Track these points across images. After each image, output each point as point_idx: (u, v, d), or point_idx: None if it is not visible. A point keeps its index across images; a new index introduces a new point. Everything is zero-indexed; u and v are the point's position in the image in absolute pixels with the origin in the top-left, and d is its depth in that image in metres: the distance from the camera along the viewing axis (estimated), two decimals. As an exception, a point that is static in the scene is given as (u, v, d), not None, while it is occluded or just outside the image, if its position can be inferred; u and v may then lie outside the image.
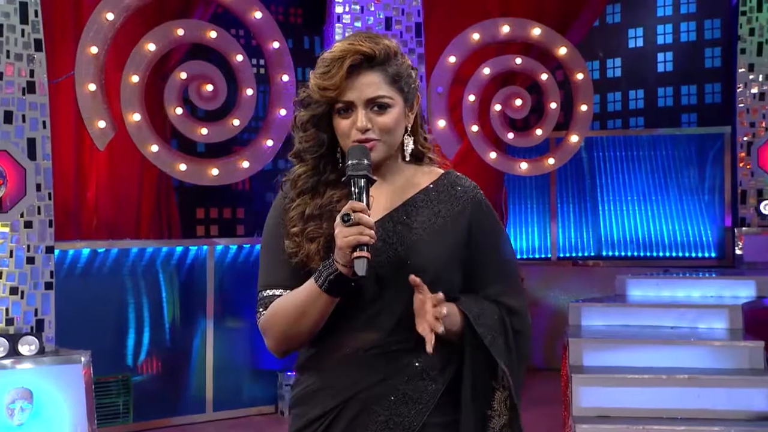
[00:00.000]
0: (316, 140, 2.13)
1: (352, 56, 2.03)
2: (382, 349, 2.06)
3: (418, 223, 2.10)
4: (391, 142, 2.10)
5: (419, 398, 2.06)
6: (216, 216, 8.45)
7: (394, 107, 2.08)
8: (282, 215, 2.16)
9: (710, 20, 9.72)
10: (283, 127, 7.03)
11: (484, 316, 2.08)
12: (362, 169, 1.98)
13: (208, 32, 6.86)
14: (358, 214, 1.92)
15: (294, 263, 2.09)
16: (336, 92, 2.05)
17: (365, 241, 1.91)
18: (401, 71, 2.10)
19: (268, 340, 2.14)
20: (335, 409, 2.08)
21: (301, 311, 2.04)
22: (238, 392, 7.11)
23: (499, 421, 2.08)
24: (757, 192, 8.92)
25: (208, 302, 6.96)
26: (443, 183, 2.17)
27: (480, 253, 2.13)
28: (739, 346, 6.02)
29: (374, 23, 6.98)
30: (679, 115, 9.77)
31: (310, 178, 2.14)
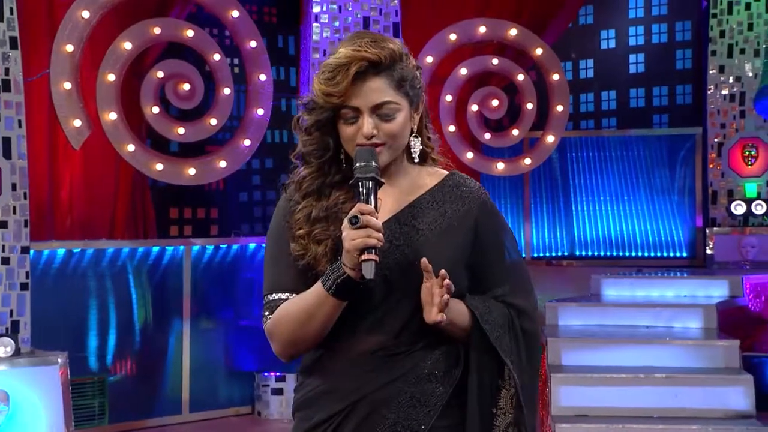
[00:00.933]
0: (321, 144, 2.11)
1: (357, 63, 2.01)
2: (389, 351, 2.05)
3: (425, 225, 2.09)
4: (397, 146, 2.10)
5: (427, 401, 2.05)
6: (190, 216, 8.39)
7: (399, 112, 2.07)
8: (287, 218, 2.14)
9: (681, 22, 9.82)
10: (260, 127, 7.01)
11: (491, 314, 2.08)
12: (370, 172, 1.97)
13: (185, 31, 6.81)
14: (366, 216, 1.91)
15: (300, 266, 2.08)
16: (341, 99, 2.03)
17: (373, 244, 1.90)
18: (406, 74, 2.08)
19: (275, 344, 2.13)
20: (342, 413, 2.06)
21: (309, 315, 2.03)
22: (214, 393, 7.07)
23: (505, 419, 2.07)
24: (727, 192, 9.04)
25: (185, 303, 6.92)
26: (448, 184, 2.16)
27: (487, 254, 2.13)
28: (714, 345, 6.09)
29: (352, 23, 6.97)
30: (651, 116, 9.86)
31: (315, 180, 2.12)
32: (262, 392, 6.98)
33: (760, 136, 8.91)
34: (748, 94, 8.98)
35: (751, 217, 8.81)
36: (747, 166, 8.95)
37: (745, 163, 8.96)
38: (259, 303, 7.10)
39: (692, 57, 9.73)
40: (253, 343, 7.20)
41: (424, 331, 2.05)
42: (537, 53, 7.97)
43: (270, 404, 6.95)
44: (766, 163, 8.89)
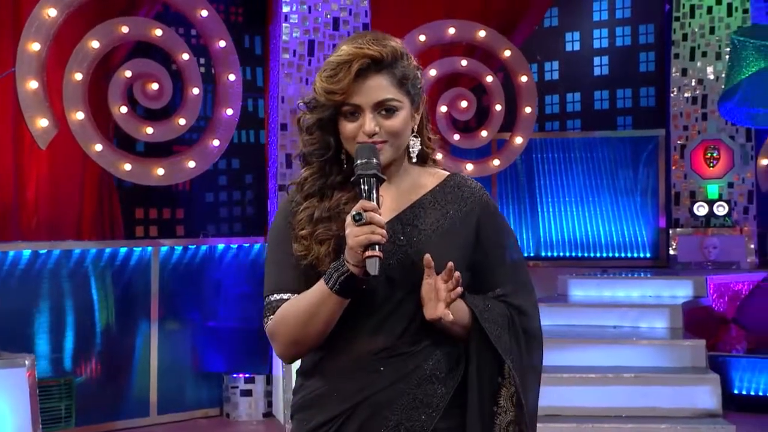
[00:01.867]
0: (322, 143, 2.11)
1: (359, 60, 2.02)
2: (391, 352, 2.05)
3: (427, 225, 2.09)
4: (399, 144, 2.10)
5: (430, 402, 2.05)
6: (156, 216, 8.32)
7: (401, 110, 2.07)
8: (289, 218, 2.14)
9: (644, 25, 9.93)
10: (229, 127, 6.97)
11: (491, 313, 2.08)
12: (372, 168, 1.98)
13: (153, 30, 6.75)
14: (370, 213, 1.91)
15: (303, 266, 2.07)
16: (343, 96, 2.04)
17: (377, 240, 1.90)
18: (408, 73, 2.09)
19: (277, 345, 2.11)
20: (343, 415, 2.06)
21: (311, 314, 2.02)
22: (182, 395, 7.01)
23: (506, 417, 2.08)
24: (690, 194, 9.17)
25: (152, 304, 6.85)
26: (449, 185, 2.17)
27: (488, 254, 2.13)
28: (681, 345, 6.18)
29: (322, 23, 6.96)
30: (615, 118, 9.96)
31: (316, 180, 2.12)
32: (231, 394, 6.94)
33: (722, 139, 9.05)
34: (710, 96, 9.12)
35: (713, 218, 8.95)
36: (709, 167, 9.09)
37: (707, 164, 9.09)
38: (226, 304, 7.07)
39: (655, 60, 9.85)
40: (222, 344, 7.17)
41: (426, 331, 2.06)
42: (505, 55, 8.02)
43: (239, 406, 6.91)
44: (727, 165, 9.03)
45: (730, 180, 9.08)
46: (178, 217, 8.45)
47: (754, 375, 7.09)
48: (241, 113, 7.14)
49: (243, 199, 8.56)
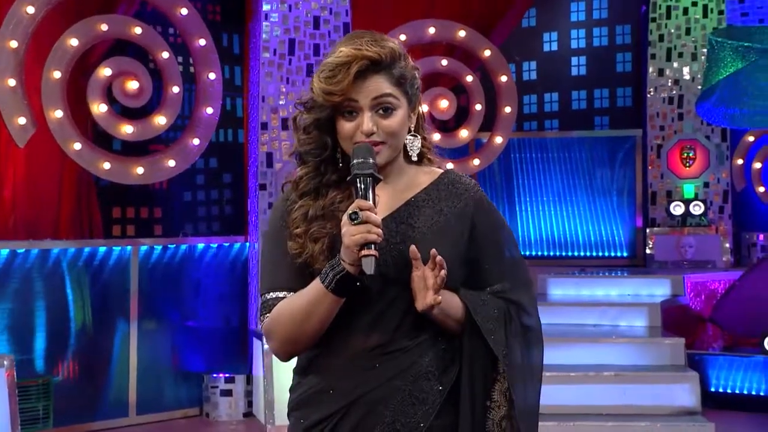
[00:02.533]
0: (319, 143, 2.12)
1: (358, 62, 2.03)
2: (386, 348, 2.06)
3: (422, 222, 2.11)
4: (396, 144, 2.11)
5: (425, 399, 2.06)
6: (133, 216, 8.26)
7: (399, 109, 2.09)
8: (284, 217, 2.15)
9: (621, 26, 10.00)
10: (209, 126, 6.94)
11: (485, 308, 2.09)
12: (368, 168, 1.99)
13: (132, 28, 6.71)
14: (366, 212, 1.92)
15: (298, 264, 2.08)
16: (342, 97, 2.05)
17: (373, 240, 1.91)
18: (406, 73, 2.11)
19: (272, 343, 2.12)
20: (340, 412, 2.07)
21: (307, 312, 2.03)
22: (162, 395, 6.98)
23: (499, 412, 2.08)
24: (666, 193, 9.24)
25: (132, 304, 6.82)
26: (444, 182, 2.18)
27: (485, 251, 2.14)
28: (661, 343, 6.23)
29: (302, 22, 6.95)
30: (593, 118, 10.02)
31: (312, 179, 2.13)
32: (211, 394, 6.91)
33: (698, 139, 9.12)
34: (686, 97, 9.20)
35: (689, 218, 9.01)
36: (685, 167, 9.16)
37: (683, 164, 9.16)
38: (206, 304, 7.05)
39: (632, 60, 9.91)
40: (201, 344, 7.14)
41: (421, 328, 2.07)
42: (485, 55, 8.04)
43: (219, 406, 6.89)
44: (703, 164, 9.10)
45: (705, 180, 9.15)
46: (155, 216, 8.39)
47: (730, 373, 7.16)
48: (219, 112, 7.12)
49: (221, 199, 8.52)
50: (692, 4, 9.31)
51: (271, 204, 6.85)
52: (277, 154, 6.88)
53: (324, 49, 7.00)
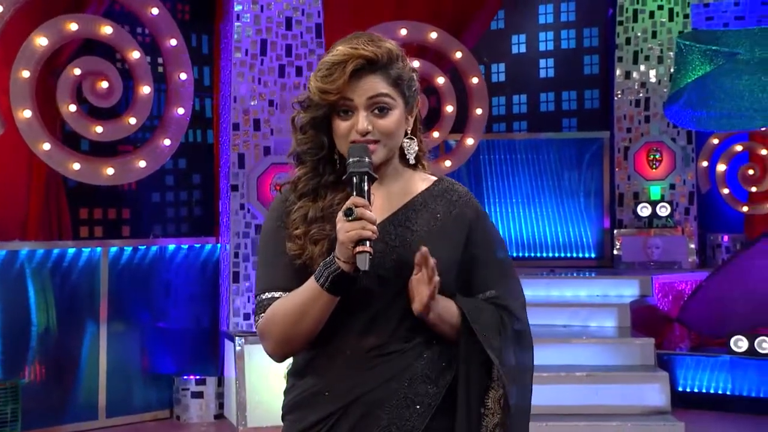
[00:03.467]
0: (316, 142, 2.13)
1: (354, 60, 2.04)
2: (382, 350, 2.06)
3: (418, 226, 2.12)
4: (392, 145, 2.12)
5: (421, 402, 2.06)
6: (101, 216, 8.19)
7: (394, 109, 2.09)
8: (282, 218, 2.15)
9: (589, 29, 10.08)
10: (180, 126, 6.90)
11: (480, 314, 2.10)
12: (364, 167, 1.99)
13: (102, 27, 6.64)
14: (360, 209, 1.93)
15: (297, 265, 2.08)
16: (337, 95, 2.05)
17: (367, 236, 1.92)
18: (403, 74, 2.11)
19: (267, 343, 2.11)
20: (336, 414, 2.07)
21: (302, 312, 2.03)
22: (132, 397, 6.93)
23: (492, 420, 2.09)
24: (633, 195, 9.33)
25: (101, 305, 6.76)
26: (438, 188, 2.20)
27: (478, 257, 2.16)
28: (631, 344, 6.30)
29: (274, 23, 6.94)
30: (561, 120, 10.09)
31: (310, 180, 2.14)
32: (182, 396, 6.87)
33: (664, 141, 9.22)
34: (652, 99, 9.30)
35: (655, 219, 9.10)
36: (652, 169, 9.25)
37: (650, 166, 9.25)
38: (177, 305, 6.99)
39: (599, 63, 10.00)
40: (172, 345, 7.10)
41: (417, 330, 2.08)
42: (456, 56, 8.08)
43: (189, 408, 6.85)
44: (669, 166, 9.20)
45: (672, 181, 9.25)
46: (123, 217, 8.32)
47: (697, 372, 7.25)
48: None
49: (190, 200, 8.46)
50: (658, 7, 9.41)
51: (243, 205, 6.83)
52: (249, 155, 6.85)
53: (296, 49, 6.99)
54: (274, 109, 6.92)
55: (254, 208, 6.78)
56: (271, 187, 6.78)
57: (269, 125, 6.91)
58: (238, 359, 6.48)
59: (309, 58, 7.02)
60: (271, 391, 6.51)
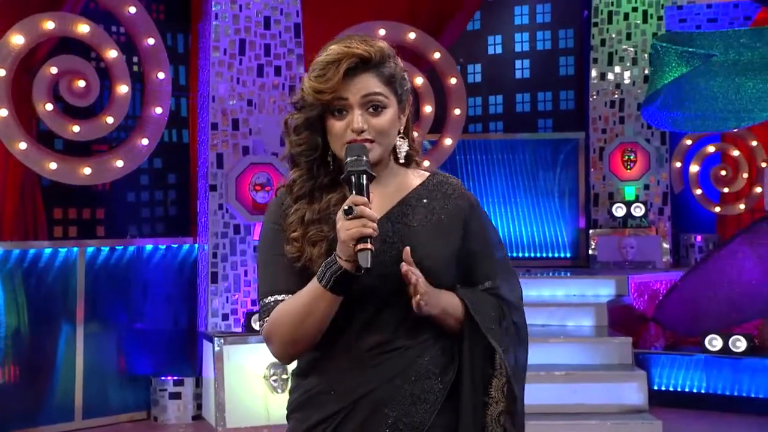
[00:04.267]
0: (310, 143, 2.13)
1: (348, 59, 2.05)
2: (386, 347, 2.07)
3: (416, 222, 2.13)
4: (386, 143, 2.13)
5: (426, 398, 2.08)
6: (75, 216, 8.13)
7: (388, 108, 2.10)
8: (279, 221, 2.15)
9: (564, 30, 10.14)
10: (158, 126, 6.87)
11: (482, 305, 2.12)
12: (362, 165, 2.00)
13: (79, 26, 6.60)
14: (360, 207, 1.94)
15: (296, 268, 2.09)
16: (332, 94, 2.06)
17: (368, 233, 1.93)
18: (395, 73, 2.13)
19: (273, 346, 2.12)
20: (342, 412, 2.07)
21: (306, 313, 2.03)
22: (108, 399, 6.87)
23: (497, 408, 2.11)
24: (608, 195, 9.39)
25: (78, 306, 6.70)
26: (432, 182, 2.21)
27: (475, 248, 2.18)
28: (609, 343, 6.35)
29: (253, 22, 6.91)
30: (536, 121, 10.14)
31: (305, 182, 2.15)
32: (159, 397, 6.82)
33: (639, 142, 9.29)
34: (627, 100, 9.37)
35: (630, 219, 9.18)
36: (626, 170, 9.32)
37: (624, 167, 9.33)
38: (154, 306, 6.94)
39: (575, 64, 10.06)
40: (149, 346, 7.05)
41: (420, 327, 2.09)
42: (434, 57, 8.10)
43: (167, 409, 6.81)
44: (644, 167, 9.27)
45: (646, 182, 9.33)
46: (98, 217, 8.27)
47: (672, 371, 7.32)
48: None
49: (165, 200, 8.42)
50: (632, 9, 9.47)
51: (221, 205, 6.80)
52: (228, 155, 6.83)
53: (275, 49, 6.97)
54: (253, 108, 6.90)
55: (233, 208, 6.76)
56: (250, 187, 6.76)
57: (248, 125, 6.89)
58: (217, 360, 6.45)
59: (288, 58, 7.00)
60: (250, 392, 6.50)
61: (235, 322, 6.80)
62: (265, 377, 6.50)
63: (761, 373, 7.06)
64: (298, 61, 7.03)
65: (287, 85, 6.99)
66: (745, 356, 7.12)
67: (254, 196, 6.77)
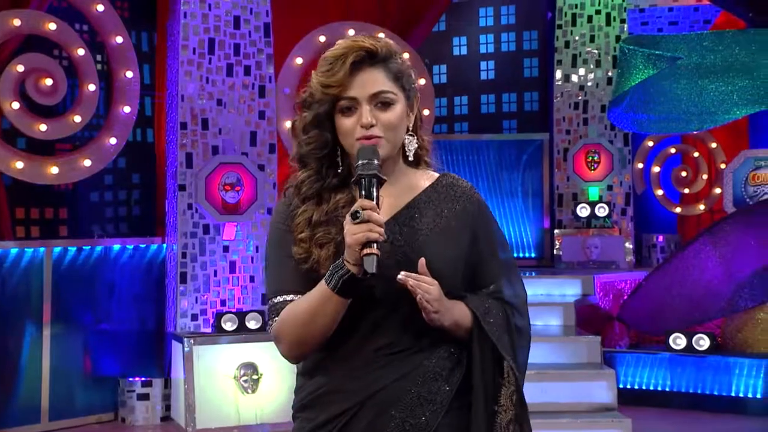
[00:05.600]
0: (319, 141, 2.13)
1: (355, 52, 2.06)
2: (392, 349, 2.07)
3: (423, 224, 2.13)
4: (395, 140, 2.12)
5: (433, 400, 2.08)
6: (38, 216, 8.03)
7: (397, 103, 2.10)
8: (287, 222, 2.15)
9: (528, 32, 10.22)
10: (126, 125, 6.82)
11: (491, 314, 2.12)
12: (372, 169, 2.00)
13: (46, 24, 6.53)
14: (368, 211, 1.94)
15: (304, 269, 2.09)
16: (339, 89, 2.06)
17: (375, 238, 1.93)
18: (403, 69, 2.14)
19: (282, 346, 2.11)
20: (348, 412, 2.07)
21: (314, 315, 2.03)
22: (76, 400, 6.80)
23: (506, 416, 2.11)
24: (572, 195, 9.48)
25: (45, 307, 6.62)
26: (442, 184, 2.21)
27: (482, 251, 2.17)
28: (578, 342, 6.41)
29: (222, 22, 6.88)
30: (501, 122, 10.21)
31: (314, 183, 2.14)
32: (127, 398, 6.77)
33: (602, 143, 9.39)
34: (590, 102, 9.46)
35: (593, 219, 9.27)
36: (590, 170, 9.41)
37: (588, 168, 9.41)
38: (122, 307, 6.88)
39: (539, 65, 10.14)
40: (117, 347, 6.99)
41: (426, 329, 2.08)
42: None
43: (135, 410, 6.75)
44: (607, 168, 9.37)
45: (609, 183, 9.43)
46: (61, 217, 8.17)
47: (637, 369, 7.42)
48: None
49: (129, 199, 8.35)
50: (596, 12, 9.56)
51: (191, 205, 6.76)
52: (197, 155, 6.79)
53: (244, 48, 6.95)
54: (222, 108, 6.87)
55: (202, 207, 6.73)
56: (220, 187, 6.73)
57: (217, 124, 6.86)
58: (187, 360, 6.41)
59: (257, 57, 6.98)
60: (220, 393, 6.48)
61: (204, 322, 6.77)
62: (235, 378, 6.48)
63: (724, 371, 7.18)
64: (267, 61, 7.01)
65: (257, 85, 6.97)
66: (708, 354, 7.24)
67: (224, 196, 6.74)
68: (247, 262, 6.89)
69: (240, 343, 6.52)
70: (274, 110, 7.05)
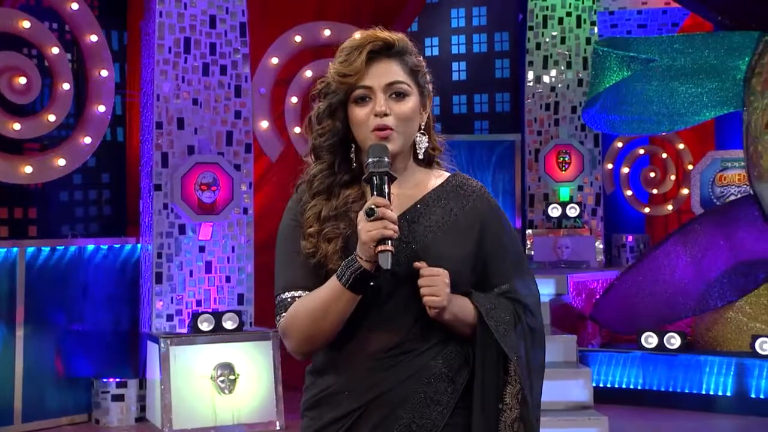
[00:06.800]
0: (332, 131, 2.13)
1: (372, 42, 2.09)
2: (400, 349, 2.08)
3: (432, 222, 2.14)
4: (407, 134, 2.13)
5: (440, 400, 2.09)
6: (7, 216, 7.92)
7: (411, 96, 2.12)
8: (297, 217, 2.16)
9: (500, 33, 10.29)
10: (101, 124, 6.76)
11: (497, 311, 2.12)
12: (384, 166, 2.01)
13: (20, 22, 6.46)
14: (382, 209, 1.95)
15: (312, 264, 2.09)
16: (355, 78, 2.08)
17: (389, 235, 1.94)
18: (419, 65, 2.17)
19: (290, 342, 2.11)
20: (356, 412, 2.08)
21: (324, 310, 2.03)
22: (49, 401, 6.73)
23: (511, 414, 2.11)
24: (543, 196, 9.55)
25: (18, 307, 6.54)
26: (451, 183, 2.21)
27: (492, 251, 2.17)
28: (554, 341, 6.46)
29: (198, 21, 6.85)
30: (473, 122, 10.26)
31: (325, 178, 2.15)
32: (102, 399, 6.71)
33: (573, 144, 9.47)
34: (561, 103, 9.54)
35: (564, 220, 9.34)
36: (561, 171, 9.48)
37: (559, 168, 9.48)
38: (95, 307, 6.81)
39: (510, 67, 10.21)
40: (90, 348, 6.93)
41: (434, 329, 2.09)
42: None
43: (110, 411, 6.69)
44: (578, 168, 9.44)
45: (580, 183, 9.50)
46: (30, 216, 8.07)
47: (610, 368, 7.49)
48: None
49: (100, 199, 8.27)
50: (567, 14, 9.64)
51: (166, 204, 6.72)
52: (173, 154, 6.74)
53: (220, 48, 6.92)
54: (198, 107, 6.83)
55: (178, 207, 6.69)
56: (196, 187, 6.70)
57: (193, 124, 6.82)
58: (163, 361, 6.38)
59: (233, 57, 6.95)
60: (197, 393, 6.44)
61: (180, 323, 6.73)
62: (212, 378, 6.46)
63: (694, 370, 7.27)
64: (243, 61, 6.99)
65: (233, 84, 6.94)
66: (680, 353, 7.33)
67: (200, 195, 6.71)
68: (223, 262, 6.87)
69: (216, 344, 6.49)
70: (250, 110, 7.03)
